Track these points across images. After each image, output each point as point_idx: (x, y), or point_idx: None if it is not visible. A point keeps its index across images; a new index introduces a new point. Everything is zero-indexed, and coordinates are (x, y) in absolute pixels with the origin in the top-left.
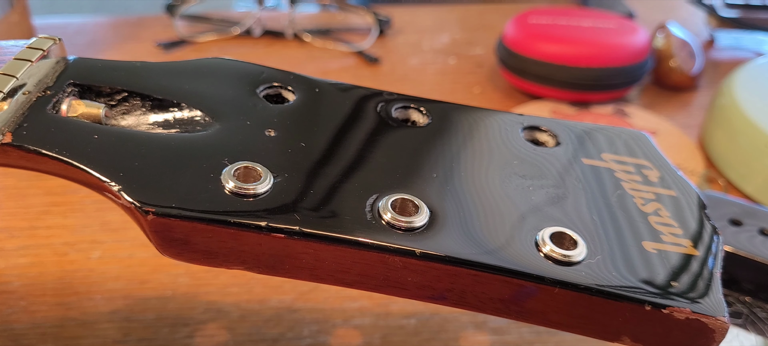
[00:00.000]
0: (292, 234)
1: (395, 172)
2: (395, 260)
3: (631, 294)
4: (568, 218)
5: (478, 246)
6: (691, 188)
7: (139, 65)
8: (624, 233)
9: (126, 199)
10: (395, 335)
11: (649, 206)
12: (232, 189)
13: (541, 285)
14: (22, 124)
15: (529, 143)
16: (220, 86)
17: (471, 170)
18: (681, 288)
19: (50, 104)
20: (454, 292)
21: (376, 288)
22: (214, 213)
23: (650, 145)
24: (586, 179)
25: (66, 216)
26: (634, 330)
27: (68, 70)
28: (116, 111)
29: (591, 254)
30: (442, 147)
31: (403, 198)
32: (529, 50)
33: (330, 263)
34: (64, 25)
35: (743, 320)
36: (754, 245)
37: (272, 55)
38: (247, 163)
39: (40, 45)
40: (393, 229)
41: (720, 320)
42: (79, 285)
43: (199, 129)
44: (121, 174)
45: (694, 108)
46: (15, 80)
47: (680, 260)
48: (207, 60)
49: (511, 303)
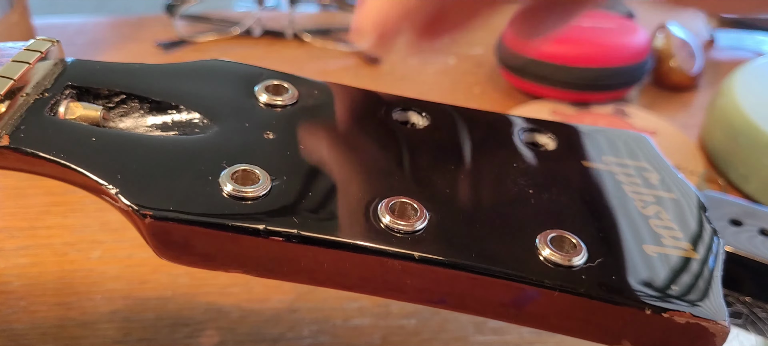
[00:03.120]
0: (291, 238)
1: (394, 175)
2: (394, 264)
3: (632, 298)
4: (568, 222)
5: (477, 250)
6: (691, 190)
7: (137, 67)
8: (624, 237)
9: (123, 202)
10: (395, 335)
11: (650, 208)
12: (230, 192)
13: (541, 289)
14: (19, 127)
15: (529, 146)
16: (218, 88)
17: (470, 173)
18: (681, 292)
19: (48, 106)
20: (454, 296)
21: (376, 292)
22: (211, 216)
23: (650, 147)
24: (586, 181)
25: (66, 216)
26: (634, 334)
27: (66, 72)
28: (114, 113)
29: (591, 257)
30: (441, 150)
31: (402, 201)
32: (529, 50)
33: (328, 266)
34: (64, 25)
35: (743, 320)
36: (754, 245)
37: (272, 55)
38: (245, 166)
39: (38, 47)
40: (392, 233)
41: (720, 324)
42: (79, 285)
43: (197, 131)
44: (119, 177)
45: (694, 108)
46: (12, 82)
47: (680, 263)
48: (205, 62)
49: (510, 307)
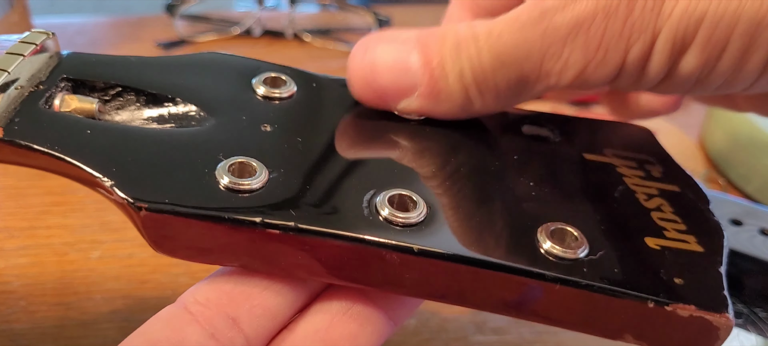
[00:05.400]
0: (288, 230)
1: (393, 167)
2: (393, 256)
3: (634, 291)
4: (569, 214)
5: (477, 243)
6: (694, 183)
7: (134, 60)
8: (626, 229)
9: (118, 194)
10: (395, 335)
11: (652, 201)
12: (226, 184)
13: (542, 283)
14: (13, 119)
15: (530, 138)
16: (215, 81)
17: (470, 166)
18: (684, 285)
19: (43, 99)
20: (454, 289)
21: (374, 285)
22: (208, 209)
23: (653, 140)
24: (588, 174)
25: (66, 216)
26: (636, 328)
27: (61, 64)
28: (110, 106)
29: (593, 250)
30: (441, 142)
31: (401, 194)
32: None
33: (326, 260)
34: (64, 25)
35: (743, 319)
36: (754, 245)
37: (272, 55)
38: (242, 158)
39: (33, 39)
40: (391, 225)
41: (724, 317)
42: (79, 285)
43: (193, 124)
44: (114, 169)
45: (694, 108)
46: (7, 75)
47: (683, 256)
48: (202, 54)
49: (511, 301)
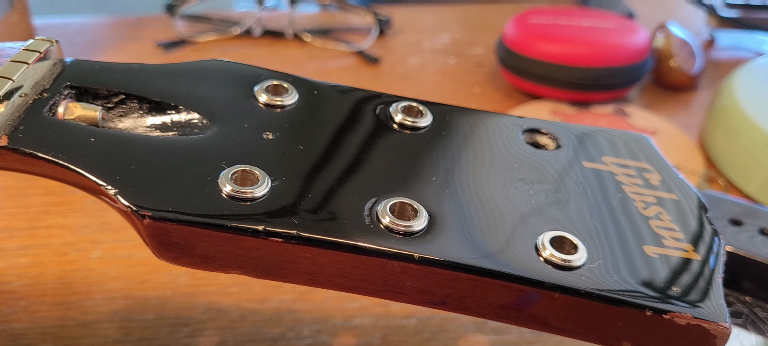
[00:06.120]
0: (290, 238)
1: (394, 175)
2: (394, 264)
3: (632, 299)
4: (568, 222)
5: (477, 250)
6: (692, 191)
7: (137, 67)
8: (625, 237)
9: (122, 202)
10: (395, 335)
11: (651, 209)
12: (229, 193)
13: (541, 290)
14: (18, 127)
15: (529, 146)
16: (217, 89)
17: (470, 173)
18: (682, 293)
19: (47, 107)
20: (454, 297)
21: (375, 293)
22: (210, 217)
23: (651, 147)
24: (586, 182)
25: (66, 216)
26: (635, 335)
27: (65, 72)
28: (113, 114)
29: (591, 258)
30: (441, 150)
31: (402, 202)
32: (529, 50)
33: (328, 267)
34: (64, 25)
35: (743, 320)
36: (754, 245)
37: (272, 55)
38: (244, 166)
39: (37, 47)
40: (391, 233)
41: (721, 326)
42: (79, 285)
43: (196, 132)
44: (118, 178)
45: (694, 108)
46: (11, 83)
47: (681, 264)
48: (205, 62)
49: (511, 308)
